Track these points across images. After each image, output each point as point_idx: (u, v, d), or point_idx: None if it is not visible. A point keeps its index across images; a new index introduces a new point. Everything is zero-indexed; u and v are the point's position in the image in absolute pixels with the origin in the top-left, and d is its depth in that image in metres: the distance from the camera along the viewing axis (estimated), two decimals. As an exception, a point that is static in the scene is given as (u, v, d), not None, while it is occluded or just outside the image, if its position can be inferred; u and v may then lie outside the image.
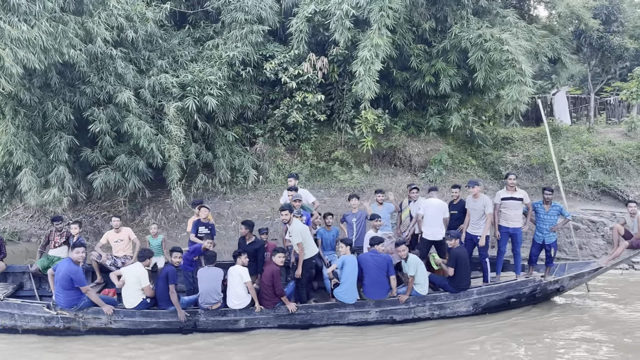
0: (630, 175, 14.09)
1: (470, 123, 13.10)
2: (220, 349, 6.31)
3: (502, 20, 12.60)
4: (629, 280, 9.65)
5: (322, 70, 12.68)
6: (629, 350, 6.33)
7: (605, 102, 19.08)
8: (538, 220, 8.21)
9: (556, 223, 8.12)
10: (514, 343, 6.56)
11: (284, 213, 7.28)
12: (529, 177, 14.37)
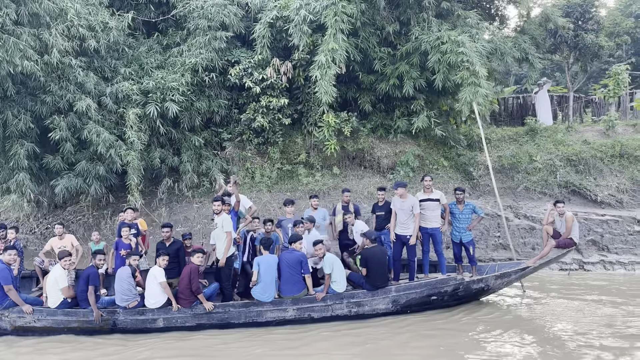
0: (603, 175, 13.90)
1: (433, 125, 13.11)
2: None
3: (463, 22, 12.62)
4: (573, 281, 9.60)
5: (286, 74, 12.92)
6: (542, 346, 6.35)
7: (590, 100, 18.81)
8: (454, 219, 8.37)
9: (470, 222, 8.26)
10: (432, 340, 6.62)
11: (216, 204, 7.58)
12: (500, 178, 14.31)
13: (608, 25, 16.55)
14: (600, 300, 8.37)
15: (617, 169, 13.96)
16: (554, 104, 18.04)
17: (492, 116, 19.50)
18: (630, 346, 6.15)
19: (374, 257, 7.31)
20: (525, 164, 14.08)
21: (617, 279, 9.58)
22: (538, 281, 9.62)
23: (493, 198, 13.75)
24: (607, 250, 10.65)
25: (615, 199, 12.97)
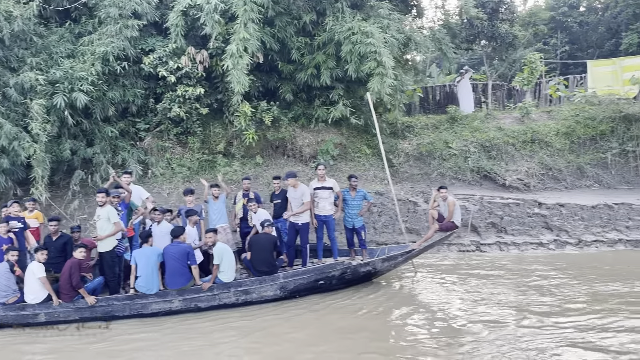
0: (514, 160, 14.57)
1: (348, 114, 13.35)
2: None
3: (376, 12, 12.86)
4: (468, 262, 10.09)
5: (202, 63, 12.85)
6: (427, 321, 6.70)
7: (512, 88, 19.55)
8: (346, 206, 8.68)
9: (362, 207, 8.59)
10: (321, 321, 6.87)
11: (100, 195, 7.58)
12: (417, 164, 14.79)
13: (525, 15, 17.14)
14: (486, 277, 8.86)
15: (528, 154, 14.65)
16: (478, 92, 18.63)
17: (421, 104, 20.05)
18: (507, 318, 6.64)
19: (257, 243, 7.51)
20: (441, 151, 14.57)
21: (508, 258, 10.12)
22: (434, 261, 10.07)
23: (410, 184, 14.23)
24: (505, 232, 11.23)
25: (523, 183, 13.65)
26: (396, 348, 5.92)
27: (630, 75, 15.77)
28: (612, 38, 30.74)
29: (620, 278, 8.30)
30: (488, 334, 6.11)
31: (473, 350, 5.64)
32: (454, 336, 6.14)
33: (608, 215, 11.42)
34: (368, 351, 5.78)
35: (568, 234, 10.89)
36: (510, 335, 6.05)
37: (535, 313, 6.77)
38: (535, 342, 5.77)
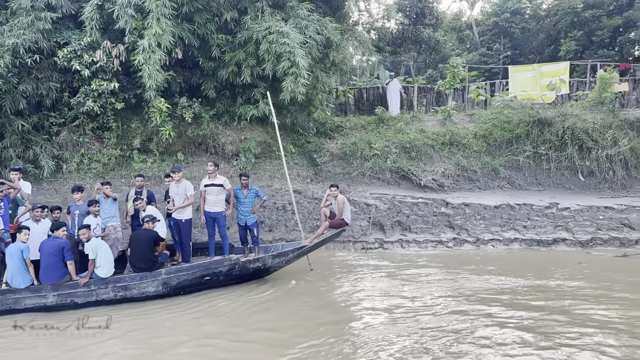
0: (433, 161, 15.01)
1: (268, 113, 13.43)
2: None
3: (295, 13, 13.01)
4: (363, 259, 10.36)
5: (118, 57, 12.72)
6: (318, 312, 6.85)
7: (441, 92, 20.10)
8: (239, 204, 8.80)
9: (254, 205, 8.72)
10: (211, 318, 6.90)
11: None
12: (340, 164, 15.05)
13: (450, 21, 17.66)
14: (381, 272, 9.16)
15: (446, 156, 15.12)
16: (410, 95, 19.06)
17: (356, 105, 20.36)
18: (396, 305, 6.94)
19: (135, 239, 7.54)
20: (364, 151, 14.88)
21: (407, 255, 10.45)
22: (336, 258, 10.32)
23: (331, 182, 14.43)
24: (409, 230, 11.59)
25: (437, 183, 14.08)
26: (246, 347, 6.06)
27: (548, 81, 16.46)
28: (551, 44, 31.98)
29: (487, 274, 8.72)
30: (365, 327, 6.35)
31: (350, 340, 5.86)
32: (335, 333, 6.28)
33: (509, 215, 11.93)
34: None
35: (468, 233, 11.33)
36: (389, 322, 6.33)
37: (401, 307, 7.06)
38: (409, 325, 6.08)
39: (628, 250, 10.10)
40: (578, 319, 6.40)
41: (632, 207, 11.88)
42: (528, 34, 32.55)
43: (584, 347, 5.48)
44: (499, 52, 32.71)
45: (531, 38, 32.42)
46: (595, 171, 14.46)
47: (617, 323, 6.26)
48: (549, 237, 10.88)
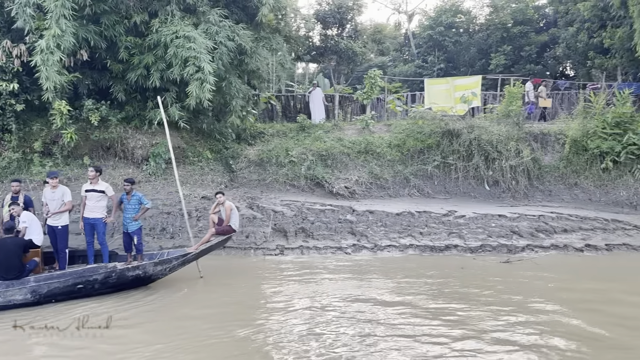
0: (348, 168, 15.30)
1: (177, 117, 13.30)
2: None
3: (206, 18, 12.99)
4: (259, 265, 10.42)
5: (19, 57, 12.28)
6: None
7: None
8: (124, 210, 8.66)
9: (138, 212, 8.64)
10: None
11: None
12: (257, 170, 15.10)
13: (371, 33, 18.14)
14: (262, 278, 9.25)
15: (361, 164, 15.45)
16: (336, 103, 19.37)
17: (283, 112, 20.49)
18: (272, 306, 6.96)
19: (2, 247, 7.27)
20: (279, 157, 14.99)
21: (299, 262, 10.54)
22: (235, 265, 10.33)
23: (246, 189, 14.47)
24: (312, 236, 11.74)
25: (349, 190, 14.36)
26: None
27: (461, 94, 17.15)
28: (483, 58, 33.32)
29: (356, 279, 9.03)
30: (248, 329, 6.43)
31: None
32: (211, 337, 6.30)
33: (409, 222, 12.32)
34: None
35: (367, 239, 11.60)
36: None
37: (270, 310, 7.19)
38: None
39: (511, 257, 10.63)
40: (438, 315, 6.73)
41: (524, 216, 12.54)
42: (461, 47, 33.78)
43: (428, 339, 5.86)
44: (434, 64, 33.77)
45: (464, 51, 33.66)
46: (500, 181, 15.15)
47: (465, 317, 6.62)
48: (442, 244, 11.30)
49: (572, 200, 14.68)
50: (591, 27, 26.53)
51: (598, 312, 7.28)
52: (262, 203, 12.95)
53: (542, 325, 6.58)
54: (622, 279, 9.26)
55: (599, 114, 15.14)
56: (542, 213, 12.78)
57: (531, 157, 15.07)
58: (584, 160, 15.20)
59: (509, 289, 8.44)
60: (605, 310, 7.35)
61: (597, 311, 7.31)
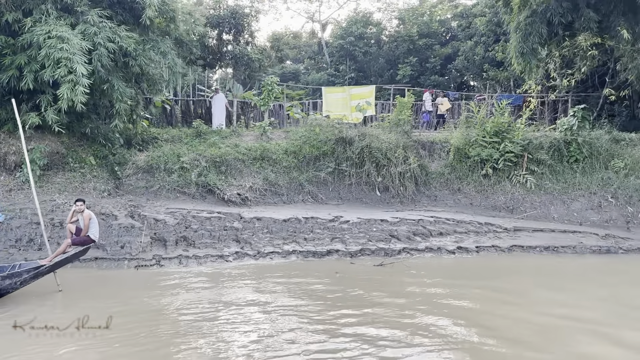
0: (242, 175, 15.18)
1: (51, 121, 12.54)
2: None
3: (85, 19, 12.41)
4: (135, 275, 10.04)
5: None
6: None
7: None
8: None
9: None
10: None
11: None
12: (146, 177, 14.58)
13: (268, 40, 18.24)
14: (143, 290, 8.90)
15: (256, 171, 15.39)
16: (237, 109, 19.21)
17: (183, 117, 20.03)
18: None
19: None
20: (167, 164, 14.57)
21: (179, 273, 10.29)
22: (103, 277, 9.85)
23: (131, 197, 13.91)
24: (193, 245, 11.50)
25: (241, 197, 14.23)
26: None
27: (356, 103, 17.63)
28: (391, 68, 34.57)
29: (243, 285, 9.00)
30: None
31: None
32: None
33: (295, 229, 12.42)
34: None
35: (251, 246, 11.55)
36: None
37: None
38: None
39: (385, 260, 11.01)
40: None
41: (404, 220, 13.06)
42: (370, 57, 34.83)
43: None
44: (345, 73, 34.57)
45: (373, 61, 34.74)
46: (390, 187, 15.70)
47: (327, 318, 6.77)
48: (324, 249, 11.50)
49: (455, 205, 15.51)
50: (487, 41, 28.42)
51: (445, 306, 7.81)
52: (145, 211, 12.50)
53: (393, 318, 6.94)
54: (476, 277, 9.90)
55: (479, 123, 16.14)
56: (421, 217, 13.37)
57: (418, 164, 15.75)
58: (466, 167, 16.12)
59: (373, 289, 8.76)
60: (451, 304, 7.98)
61: (445, 306, 7.82)
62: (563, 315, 7.40)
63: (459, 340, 6.50)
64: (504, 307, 7.96)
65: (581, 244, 12.25)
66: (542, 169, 15.71)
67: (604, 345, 6.35)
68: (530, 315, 7.47)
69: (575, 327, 6.94)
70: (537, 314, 7.49)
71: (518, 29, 15.68)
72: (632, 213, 14.56)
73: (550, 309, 7.75)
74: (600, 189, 15.20)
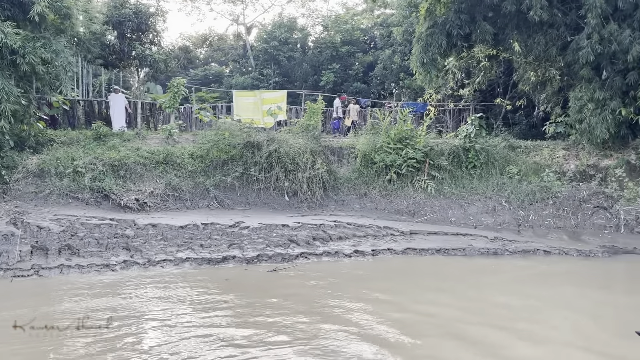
0: (143, 180, 14.66)
1: None
2: None
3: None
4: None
5: None
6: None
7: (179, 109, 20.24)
8: None
9: None
10: None
11: None
12: (36, 182, 13.74)
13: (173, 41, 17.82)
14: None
15: (159, 175, 14.90)
16: (145, 111, 18.55)
17: (86, 118, 19.08)
18: None
19: None
20: (58, 168, 13.81)
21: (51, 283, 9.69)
22: None
23: (22, 202, 13.04)
24: (78, 254, 10.90)
25: (140, 203, 13.72)
26: None
27: (268, 107, 17.56)
28: (315, 74, 34.86)
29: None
30: None
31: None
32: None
33: (191, 235, 12.10)
34: None
35: (141, 254, 11.11)
36: None
37: None
38: None
39: (279, 265, 10.97)
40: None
41: (306, 225, 13.11)
42: (294, 62, 34.98)
43: None
44: (270, 77, 34.48)
45: (297, 67, 34.89)
46: (299, 191, 15.74)
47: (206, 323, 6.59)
48: (220, 256, 11.26)
49: (361, 209, 15.82)
50: (404, 50, 29.36)
51: (319, 307, 7.93)
52: (30, 218, 11.73)
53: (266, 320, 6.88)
54: (364, 279, 10.14)
55: (384, 130, 16.57)
56: (323, 222, 13.48)
57: (326, 169, 15.92)
58: (372, 173, 16.50)
59: (257, 295, 8.73)
60: (328, 304, 8.14)
61: (319, 307, 7.94)
62: (426, 313, 7.79)
63: (315, 337, 6.69)
64: (381, 306, 8.20)
65: (471, 246, 12.81)
66: (443, 174, 16.38)
67: (447, 339, 6.78)
68: (399, 313, 7.77)
69: (430, 323, 7.37)
70: (405, 312, 7.84)
71: (420, 39, 16.30)
72: (523, 216, 15.47)
73: (420, 307, 8.12)
74: (495, 193, 16.06)
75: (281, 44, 34.85)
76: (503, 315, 7.92)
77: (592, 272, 11.39)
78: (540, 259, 12.20)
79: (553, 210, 15.36)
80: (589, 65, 15.29)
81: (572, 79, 16.70)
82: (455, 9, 15.68)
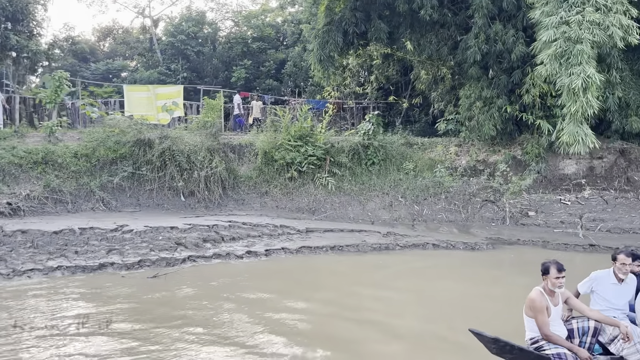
0: (18, 181, 13.43)
1: None
2: None
3: None
4: None
5: None
6: None
7: (64, 105, 18.82)
8: None
9: None
10: None
11: None
12: None
13: (55, 33, 16.52)
14: None
15: (37, 176, 13.69)
16: (29, 107, 17.00)
17: None
18: None
19: None
20: None
21: None
22: None
23: None
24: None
25: (12, 207, 12.51)
26: None
27: (162, 103, 16.74)
28: (226, 70, 33.99)
29: None
30: None
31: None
32: None
33: (66, 241, 11.17)
34: None
35: (6, 264, 10.07)
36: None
37: None
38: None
39: (162, 271, 10.40)
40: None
41: (197, 226, 12.57)
42: (204, 57, 33.91)
43: None
44: (178, 72, 33.16)
45: (207, 62, 33.87)
46: (196, 191, 15.13)
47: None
48: (96, 263, 10.47)
49: (262, 208, 15.53)
50: (313, 49, 29.36)
51: (193, 311, 7.58)
52: None
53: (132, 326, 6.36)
54: (246, 280, 9.88)
55: (285, 127, 16.38)
56: (217, 222, 13.02)
57: (224, 167, 15.45)
58: (273, 170, 16.26)
59: (127, 303, 8.16)
60: (205, 307, 7.86)
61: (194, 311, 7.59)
62: (302, 311, 7.70)
63: (187, 341, 6.29)
64: (254, 307, 7.99)
65: (364, 242, 12.94)
66: (343, 171, 16.49)
67: (310, 337, 6.77)
68: (273, 314, 7.61)
69: (304, 321, 7.32)
70: (280, 312, 7.69)
71: (317, 36, 16.27)
72: (417, 211, 15.94)
73: (295, 305, 8.02)
74: (392, 189, 16.41)
75: (189, 38, 33.66)
76: (376, 309, 7.96)
77: (472, 263, 11.82)
78: (428, 253, 12.55)
79: (445, 205, 15.96)
80: (477, 65, 16.02)
81: (462, 78, 17.45)
82: (351, 7, 15.79)
